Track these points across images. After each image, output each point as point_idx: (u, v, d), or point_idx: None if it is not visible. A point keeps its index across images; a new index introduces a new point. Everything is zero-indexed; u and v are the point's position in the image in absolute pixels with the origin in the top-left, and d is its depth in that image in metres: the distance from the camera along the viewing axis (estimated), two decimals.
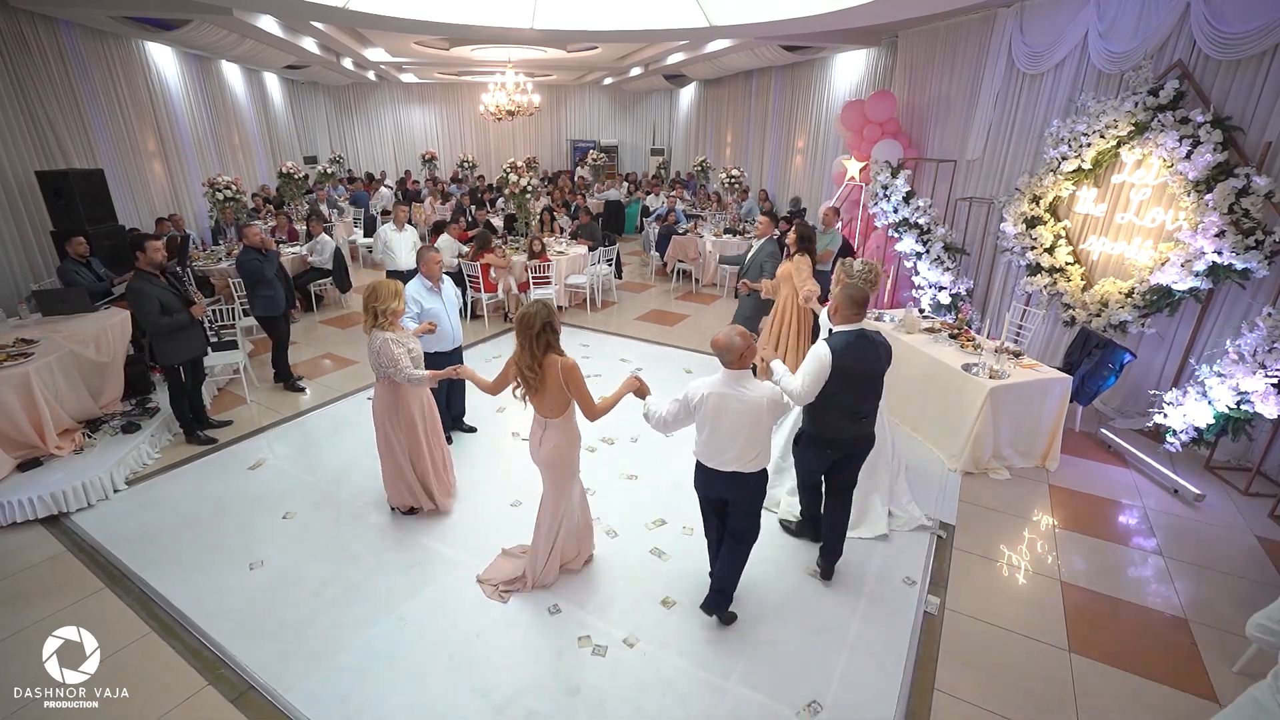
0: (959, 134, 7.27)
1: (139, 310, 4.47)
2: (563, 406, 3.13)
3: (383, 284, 3.63)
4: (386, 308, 3.60)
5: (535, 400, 3.13)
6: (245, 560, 3.70)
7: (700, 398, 2.90)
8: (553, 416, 3.15)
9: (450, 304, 4.52)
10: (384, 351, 3.57)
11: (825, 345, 3.14)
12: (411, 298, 4.19)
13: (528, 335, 2.98)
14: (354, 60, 12.33)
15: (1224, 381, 4.32)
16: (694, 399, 2.92)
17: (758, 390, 2.88)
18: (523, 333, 2.99)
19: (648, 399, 3.13)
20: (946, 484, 4.53)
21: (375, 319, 3.60)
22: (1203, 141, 4.56)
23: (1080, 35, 5.63)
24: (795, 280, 4.97)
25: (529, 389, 3.08)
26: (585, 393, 3.09)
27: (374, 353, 3.61)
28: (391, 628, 3.21)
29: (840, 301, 3.21)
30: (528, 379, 3.04)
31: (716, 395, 2.88)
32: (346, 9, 5.75)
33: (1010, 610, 3.40)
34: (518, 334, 3.02)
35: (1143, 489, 4.57)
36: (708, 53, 10.54)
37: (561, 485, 3.31)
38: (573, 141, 19.14)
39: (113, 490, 4.32)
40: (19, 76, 6.60)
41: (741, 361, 2.85)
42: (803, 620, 3.29)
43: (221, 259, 7.98)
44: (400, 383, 3.70)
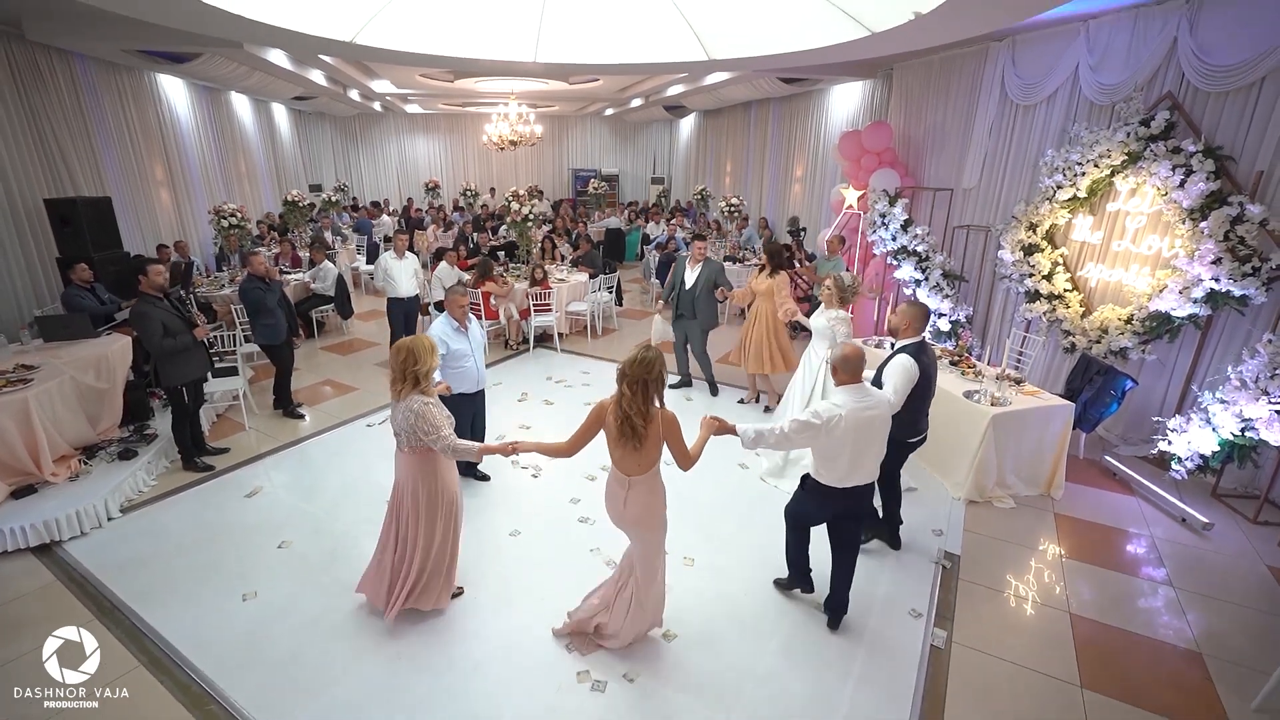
0: (955, 163, 7.37)
1: (143, 332, 4.50)
2: (654, 460, 2.85)
3: (419, 342, 3.14)
4: (427, 369, 3.12)
5: (629, 455, 2.79)
6: (238, 590, 3.63)
7: (835, 419, 2.90)
8: (641, 473, 2.84)
9: (477, 345, 4.41)
10: (425, 417, 3.04)
11: (906, 355, 3.49)
12: (438, 339, 3.94)
13: (644, 381, 2.68)
14: (360, 91, 12.58)
15: (1227, 408, 4.30)
16: (829, 422, 2.90)
17: (879, 397, 3.06)
18: (639, 378, 2.68)
19: (741, 427, 3.07)
20: (951, 513, 4.48)
21: (416, 384, 3.10)
22: (1195, 170, 4.62)
23: (1071, 68, 5.75)
24: (777, 296, 5.62)
25: (627, 442, 2.74)
26: (684, 444, 2.84)
27: (410, 417, 3.06)
28: (387, 661, 3.14)
29: (912, 317, 3.68)
30: (636, 431, 2.70)
31: (852, 414, 2.91)
32: (354, 43, 5.88)
33: (1019, 644, 3.33)
34: (631, 380, 2.68)
35: (1150, 517, 4.51)
36: (707, 85, 10.75)
37: (657, 542, 3.03)
38: (574, 170, 19.41)
39: (106, 518, 4.27)
40: (33, 107, 6.73)
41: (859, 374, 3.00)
42: (806, 654, 3.22)
43: (224, 285, 8.02)
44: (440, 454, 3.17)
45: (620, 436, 2.74)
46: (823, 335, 4.70)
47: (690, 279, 6.13)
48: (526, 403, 6.35)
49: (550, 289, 7.84)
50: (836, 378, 3.06)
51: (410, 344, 3.12)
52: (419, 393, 3.10)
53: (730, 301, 5.97)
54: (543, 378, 7.03)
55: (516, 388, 6.70)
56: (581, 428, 2.88)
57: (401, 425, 3.12)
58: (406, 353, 3.10)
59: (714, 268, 6.10)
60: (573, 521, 4.31)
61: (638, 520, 2.93)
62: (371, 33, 5.88)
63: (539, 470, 4.93)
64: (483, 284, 7.70)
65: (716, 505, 4.49)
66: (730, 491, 4.70)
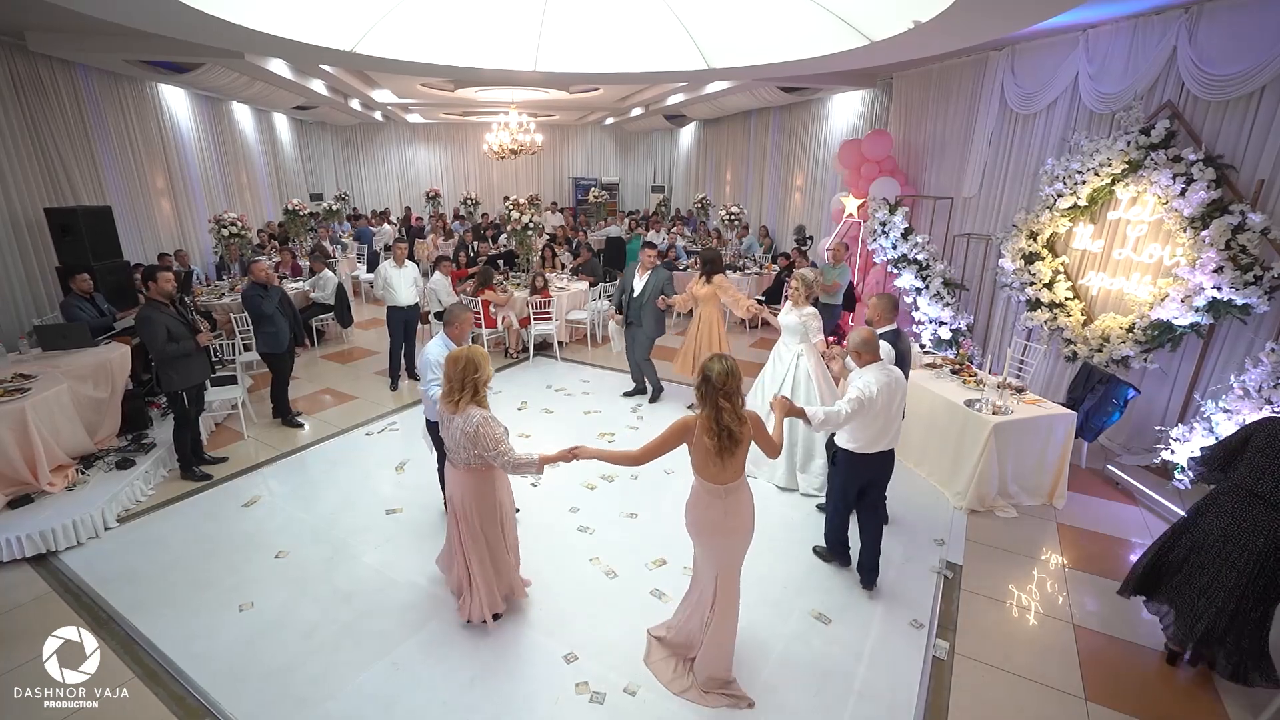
0: (955, 172, 7.38)
1: (148, 335, 4.55)
2: (745, 463, 2.77)
3: (476, 350, 3.01)
4: (486, 376, 2.97)
5: (727, 464, 2.67)
6: (235, 601, 3.60)
7: (876, 391, 3.28)
8: (738, 478, 2.76)
9: None
10: (484, 432, 2.90)
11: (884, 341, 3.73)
12: (435, 362, 3.66)
13: (736, 390, 2.64)
14: (361, 101, 12.63)
15: (1231, 417, 4.27)
16: (873, 396, 3.27)
17: (895, 370, 3.45)
18: (733, 389, 2.62)
19: (811, 410, 3.25)
20: (952, 523, 4.45)
21: (475, 393, 2.97)
22: (1196, 179, 4.62)
23: (1071, 77, 5.76)
24: (725, 298, 5.79)
25: (727, 453, 2.64)
26: (768, 434, 2.81)
27: (469, 433, 2.92)
28: (384, 673, 3.10)
29: (884, 308, 4.10)
30: (735, 438, 2.62)
31: (885, 385, 3.31)
32: (354, 53, 5.91)
33: (1023, 655, 3.29)
34: (726, 393, 2.60)
35: (1153, 527, 4.47)
36: (707, 94, 10.79)
37: (746, 547, 2.90)
38: (575, 179, 19.47)
39: (103, 528, 4.24)
40: (34, 117, 6.76)
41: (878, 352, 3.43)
42: (807, 665, 3.18)
43: (224, 294, 8.02)
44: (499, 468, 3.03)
45: (720, 450, 2.62)
46: (794, 332, 4.82)
47: (638, 287, 6.13)
48: (526, 411, 6.33)
49: (550, 297, 7.84)
50: (860, 360, 3.43)
51: (468, 352, 2.99)
52: (476, 404, 2.96)
53: (672, 308, 6.05)
54: (543, 386, 7.01)
55: (516, 396, 6.68)
56: (659, 441, 2.75)
57: (459, 442, 2.95)
58: (466, 361, 2.94)
59: (662, 276, 6.09)
60: (572, 531, 4.28)
61: (736, 528, 2.79)
62: (372, 42, 5.90)
63: (538, 480, 4.91)
64: (482, 293, 7.70)
65: None
66: None
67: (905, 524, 4.39)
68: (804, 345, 4.77)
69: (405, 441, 5.61)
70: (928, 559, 4.03)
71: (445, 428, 3.06)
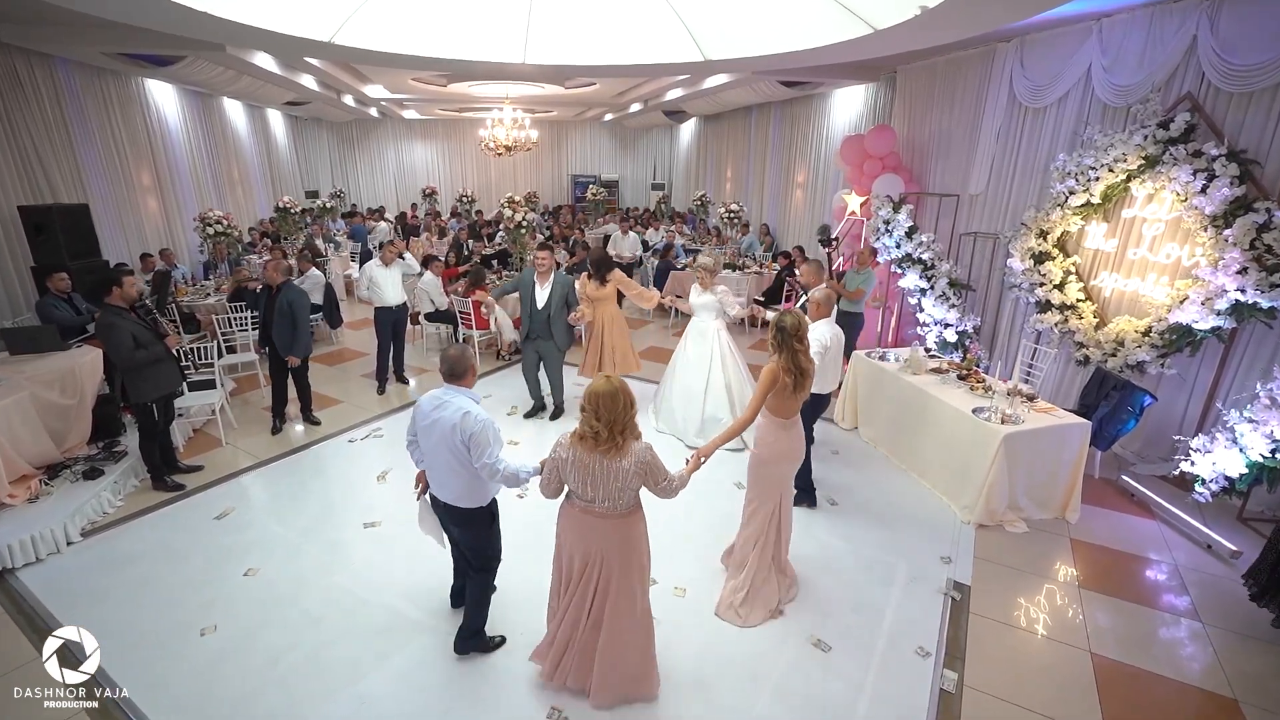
0: (961, 168, 7.12)
1: (112, 344, 4.27)
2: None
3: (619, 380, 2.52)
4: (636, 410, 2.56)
5: (796, 397, 3.23)
6: (198, 624, 3.39)
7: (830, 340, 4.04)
8: (796, 413, 3.34)
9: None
10: (655, 459, 2.55)
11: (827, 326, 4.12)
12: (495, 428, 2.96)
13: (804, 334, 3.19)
14: (355, 97, 12.40)
15: (1256, 428, 4.03)
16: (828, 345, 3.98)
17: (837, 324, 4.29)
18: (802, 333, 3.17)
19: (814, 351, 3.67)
20: (960, 538, 4.22)
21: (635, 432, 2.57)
22: (1218, 175, 4.37)
23: (1084, 68, 5.50)
24: (629, 293, 5.83)
25: (799, 384, 3.19)
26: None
27: (646, 463, 2.52)
28: (351, 706, 2.89)
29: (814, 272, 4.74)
30: (806, 371, 3.20)
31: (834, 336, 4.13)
32: (333, 43, 5.67)
33: (1036, 687, 3.06)
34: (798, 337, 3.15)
35: (1171, 542, 4.24)
36: (707, 88, 10.54)
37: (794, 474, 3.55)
38: (574, 176, 19.23)
39: (65, 543, 4.03)
40: (9, 112, 6.55)
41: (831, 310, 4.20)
42: (805, 697, 2.96)
43: (209, 295, 7.81)
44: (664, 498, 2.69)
45: (796, 386, 3.17)
46: (709, 309, 5.36)
47: (541, 299, 5.51)
48: (515, 416, 6.11)
49: None
50: (818, 313, 4.06)
51: (621, 386, 2.49)
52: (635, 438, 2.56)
53: (580, 319, 5.70)
54: None
55: (507, 400, 6.46)
56: (760, 393, 3.22)
57: (623, 485, 2.52)
58: (625, 394, 2.47)
59: (566, 283, 5.54)
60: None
61: (799, 452, 3.44)
62: (351, 33, 5.67)
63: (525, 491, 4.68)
64: (473, 293, 7.48)
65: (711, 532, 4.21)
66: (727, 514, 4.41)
67: (910, 539, 4.17)
68: (719, 321, 5.37)
69: (389, 449, 5.39)
70: (934, 579, 3.80)
71: (585, 478, 2.55)
